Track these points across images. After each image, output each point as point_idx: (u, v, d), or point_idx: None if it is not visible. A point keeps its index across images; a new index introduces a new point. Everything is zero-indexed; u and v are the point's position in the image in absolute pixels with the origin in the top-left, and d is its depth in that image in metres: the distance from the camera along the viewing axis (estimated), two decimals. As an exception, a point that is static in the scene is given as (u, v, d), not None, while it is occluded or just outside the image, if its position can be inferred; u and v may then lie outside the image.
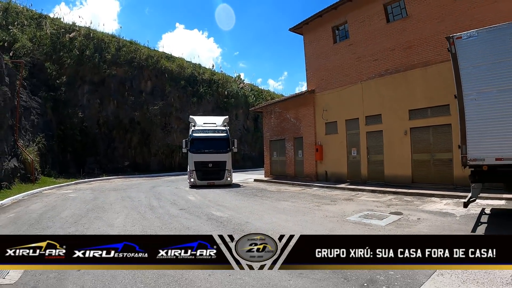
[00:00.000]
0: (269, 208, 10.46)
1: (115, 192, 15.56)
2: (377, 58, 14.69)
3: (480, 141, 6.63)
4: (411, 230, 6.82)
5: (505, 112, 6.30)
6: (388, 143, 14.15)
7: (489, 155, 6.52)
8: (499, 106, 6.39)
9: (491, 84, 6.50)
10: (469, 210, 8.50)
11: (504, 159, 6.35)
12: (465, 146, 6.78)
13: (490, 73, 6.52)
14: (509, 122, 6.26)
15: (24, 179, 17.17)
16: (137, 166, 30.20)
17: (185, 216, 9.20)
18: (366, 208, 9.58)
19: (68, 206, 11.19)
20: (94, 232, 7.38)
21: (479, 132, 6.66)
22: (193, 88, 34.85)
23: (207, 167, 17.72)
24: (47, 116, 24.55)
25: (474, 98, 6.65)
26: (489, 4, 11.30)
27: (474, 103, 6.67)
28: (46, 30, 27.14)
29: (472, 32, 6.92)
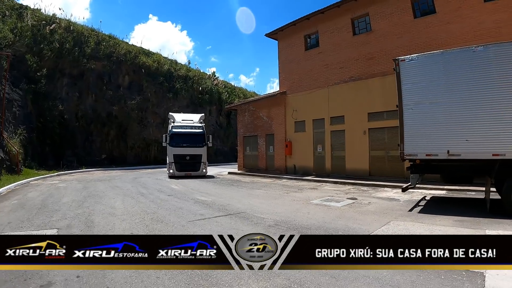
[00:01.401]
0: (246, 194, 12.13)
1: (101, 182, 16.61)
2: (343, 66, 16.60)
3: (414, 141, 8.56)
4: (361, 210, 8.66)
5: (434, 120, 8.24)
6: (349, 141, 16.13)
7: (421, 152, 8.48)
8: (429, 115, 8.32)
9: (424, 98, 8.42)
10: (412, 197, 10.58)
11: (432, 155, 8.30)
12: (402, 144, 8.74)
13: (424, 89, 8.44)
14: (436, 127, 8.20)
15: (9, 171, 17.69)
16: (114, 159, 30.91)
17: (174, 200, 10.70)
18: (327, 195, 11.42)
19: (64, 194, 12.19)
20: (100, 212, 8.61)
21: (413, 134, 8.59)
22: (169, 83, 35.87)
23: (185, 159, 19.57)
24: (27, 108, 24.92)
25: (411, 108, 8.57)
26: (442, 25, 13.39)
27: (410, 111, 8.59)
28: (27, 22, 27.17)
29: (413, 56, 8.83)
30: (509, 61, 7.34)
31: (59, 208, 9.27)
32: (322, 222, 7.14)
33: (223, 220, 7.51)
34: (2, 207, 9.45)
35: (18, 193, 12.66)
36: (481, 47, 7.82)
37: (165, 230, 6.62)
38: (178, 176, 18.97)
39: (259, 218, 7.67)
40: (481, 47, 7.85)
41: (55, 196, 11.63)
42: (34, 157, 23.60)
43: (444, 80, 8.09)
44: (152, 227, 6.81)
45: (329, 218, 7.58)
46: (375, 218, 7.47)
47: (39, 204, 10.06)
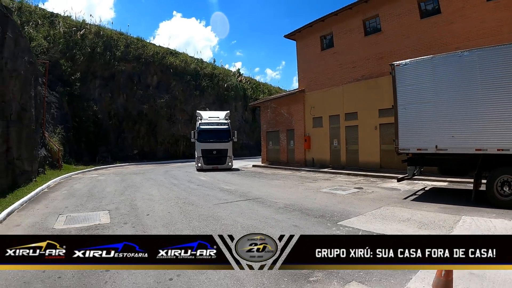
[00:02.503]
0: (265, 184, 13.67)
1: (136, 175, 18.52)
2: (356, 65, 17.73)
3: (407, 137, 9.76)
4: (361, 197, 9.98)
5: (423, 118, 9.39)
6: (362, 135, 17.31)
7: (413, 146, 9.69)
8: (419, 114, 9.48)
9: (415, 98, 9.58)
10: (413, 187, 11.72)
11: (422, 149, 9.49)
12: (397, 140, 9.96)
13: (415, 91, 9.60)
14: (426, 125, 9.35)
15: (51, 166, 19.66)
16: (145, 154, 33.00)
17: (202, 189, 12.37)
18: (337, 185, 12.77)
19: (106, 185, 14.05)
20: (140, 198, 10.37)
21: (406, 130, 9.78)
22: (195, 82, 37.56)
23: (212, 154, 21.23)
24: (64, 109, 27.05)
25: (404, 108, 9.77)
26: (446, 25, 14.24)
27: (404, 111, 9.79)
28: (59, 29, 29.33)
29: (406, 61, 10.01)
30: (491, 64, 8.33)
31: (105, 196, 11.06)
32: (324, 206, 8.57)
33: (243, 203, 9.09)
34: (55, 196, 11.30)
35: (64, 185, 14.53)
36: (467, 52, 8.86)
37: (196, 210, 8.26)
38: (206, 169, 20.68)
39: (272, 202, 9.19)
40: (466, 51, 8.90)
41: (98, 187, 13.45)
42: (71, 153, 25.76)
43: (432, 82, 9.20)
44: (185, 208, 8.49)
45: (331, 203, 8.99)
46: (370, 204, 8.80)
47: (86, 193, 11.88)
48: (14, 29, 12.91)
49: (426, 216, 7.25)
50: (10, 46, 12.08)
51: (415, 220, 6.87)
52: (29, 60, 14.89)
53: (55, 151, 21.01)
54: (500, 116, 8.09)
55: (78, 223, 7.20)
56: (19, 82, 13.03)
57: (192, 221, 7.13)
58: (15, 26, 13.51)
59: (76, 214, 8.13)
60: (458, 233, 5.94)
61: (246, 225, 6.70)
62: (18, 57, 13.09)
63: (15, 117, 12.32)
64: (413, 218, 7.08)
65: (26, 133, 13.44)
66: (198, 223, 6.94)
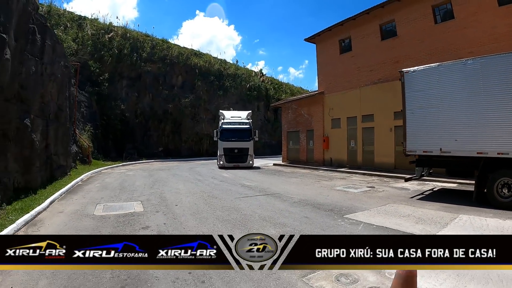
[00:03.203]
0: (283, 181, 14.64)
1: (162, 171, 19.82)
2: (373, 69, 18.40)
3: (414, 139, 10.49)
4: (371, 195, 10.80)
5: (430, 122, 10.09)
6: (377, 137, 17.99)
7: (419, 148, 10.42)
8: (426, 118, 10.19)
9: (422, 104, 10.29)
10: (423, 188, 12.38)
11: (428, 151, 10.22)
12: (405, 142, 10.71)
13: (423, 97, 10.31)
14: (431, 128, 10.04)
15: (82, 161, 21.26)
16: (169, 152, 34.57)
17: (225, 184, 13.47)
18: (351, 184, 13.59)
19: (135, 180, 15.37)
20: (168, 191, 11.57)
21: (413, 134, 10.52)
22: (219, 82, 38.97)
23: (233, 152, 22.25)
24: (92, 108, 28.82)
25: (412, 112, 10.52)
26: (460, 30, 14.76)
27: (412, 115, 10.53)
28: (87, 31, 31.06)
29: (415, 68, 10.73)
30: (493, 72, 8.93)
31: (136, 189, 12.33)
32: (335, 202, 9.47)
33: (261, 198, 10.12)
34: (90, 188, 12.64)
35: (96, 179, 15.91)
36: (471, 60, 9.49)
37: (219, 203, 9.34)
38: (227, 167, 21.78)
39: (288, 197, 10.16)
40: (471, 60, 9.53)
41: (128, 181, 14.77)
42: (99, 150, 27.33)
43: (438, 89, 9.87)
44: (209, 201, 9.61)
45: (341, 199, 9.88)
46: (377, 201, 9.62)
47: (118, 186, 13.19)
48: (52, 37, 14.31)
49: (426, 213, 7.98)
50: (49, 52, 13.44)
51: (415, 216, 7.64)
52: (64, 64, 16.36)
53: (85, 148, 22.64)
54: (500, 122, 8.68)
55: (115, 211, 8.36)
56: (57, 85, 14.44)
57: (215, 211, 8.19)
58: (52, 34, 14.94)
59: (112, 204, 9.35)
60: (452, 229, 6.64)
61: (263, 215, 7.71)
62: (55, 62, 14.49)
63: (53, 116, 13.71)
64: (414, 214, 7.85)
65: (62, 131, 14.89)
66: (221, 213, 7.99)
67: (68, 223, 7.15)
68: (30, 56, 10.83)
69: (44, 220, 7.41)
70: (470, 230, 6.58)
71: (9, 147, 9.41)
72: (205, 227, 6.68)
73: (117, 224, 6.98)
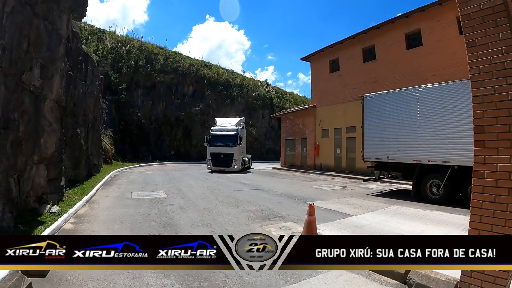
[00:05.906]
0: (275, 181, 17.85)
1: (175, 171, 23.18)
2: (356, 87, 21.44)
3: (369, 149, 13.62)
4: (338, 192, 13.88)
5: (380, 136, 13.14)
6: (358, 145, 20.76)
7: (373, 156, 13.57)
8: (378, 132, 13.26)
9: (376, 121, 13.39)
10: (385, 188, 15.30)
11: (379, 158, 13.35)
12: (363, 151, 13.85)
13: (376, 116, 13.42)
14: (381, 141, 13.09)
15: (105, 162, 23.97)
16: (180, 155, 37.89)
17: (227, 182, 16.80)
18: (329, 184, 16.71)
19: (155, 177, 18.70)
20: (183, 185, 14.85)
21: (369, 144, 13.62)
22: (227, 91, 42.42)
23: (219, 157, 23.82)
24: (112, 114, 32.27)
25: (368, 128, 13.66)
26: (426, 56, 17.59)
27: (369, 130, 13.66)
28: (107, 44, 34.68)
29: (371, 94, 13.91)
30: (426, 99, 11.78)
31: (157, 184, 15.65)
32: (306, 195, 12.60)
33: (252, 191, 13.39)
34: (121, 182, 16.00)
35: (121, 176, 19.20)
36: (411, 89, 12.44)
37: (221, 193, 12.65)
38: (214, 171, 23.39)
39: (273, 191, 13.37)
40: (411, 89, 12.46)
41: (149, 178, 18.10)
42: (117, 152, 30.40)
43: (388, 111, 12.95)
44: (214, 192, 12.95)
45: (313, 194, 13.01)
46: (339, 195, 12.67)
47: (142, 181, 16.49)
48: (92, 63, 17.89)
49: (367, 203, 10.72)
50: (89, 76, 16.94)
51: (357, 205, 10.48)
52: (98, 82, 19.88)
53: (108, 150, 25.84)
54: (430, 136, 11.56)
55: (147, 196, 11.69)
56: (93, 100, 17.94)
57: (218, 197, 11.59)
58: (92, 61, 18.50)
59: (142, 192, 12.73)
60: (377, 213, 9.13)
61: (250, 200, 11.03)
62: (93, 81, 18.01)
63: (91, 125, 17.18)
64: (358, 204, 10.69)
65: (96, 136, 18.40)
66: (222, 199, 11.35)
67: (117, 201, 10.51)
68: (79, 81, 14.31)
69: (97, 200, 10.73)
70: (390, 214, 9.03)
71: (66, 150, 12.83)
72: (210, 205, 10.05)
73: (151, 202, 10.33)
